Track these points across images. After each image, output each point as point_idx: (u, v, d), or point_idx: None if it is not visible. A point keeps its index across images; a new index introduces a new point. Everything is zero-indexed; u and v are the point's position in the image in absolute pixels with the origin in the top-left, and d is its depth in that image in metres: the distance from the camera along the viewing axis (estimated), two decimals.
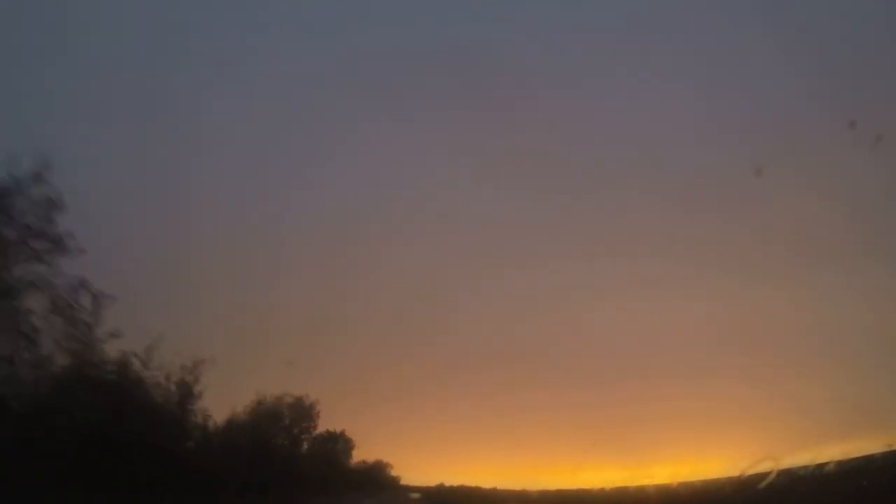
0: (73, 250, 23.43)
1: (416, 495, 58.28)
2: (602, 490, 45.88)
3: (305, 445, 44.83)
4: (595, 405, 62.79)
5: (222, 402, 38.96)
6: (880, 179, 60.42)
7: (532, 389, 64.83)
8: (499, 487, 58.92)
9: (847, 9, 69.31)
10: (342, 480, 48.06)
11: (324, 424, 48.94)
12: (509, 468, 68.90)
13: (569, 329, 72.37)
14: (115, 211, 54.89)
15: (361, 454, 55.24)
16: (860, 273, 60.10)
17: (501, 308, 77.59)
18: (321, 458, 46.13)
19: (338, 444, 50.44)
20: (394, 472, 63.28)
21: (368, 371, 61.66)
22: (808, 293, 64.19)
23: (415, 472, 65.20)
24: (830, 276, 62.39)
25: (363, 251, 75.31)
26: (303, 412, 47.14)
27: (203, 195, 68.34)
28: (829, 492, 24.51)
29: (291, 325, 58.58)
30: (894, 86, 74.26)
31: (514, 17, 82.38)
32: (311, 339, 59.46)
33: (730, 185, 69.79)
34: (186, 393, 37.52)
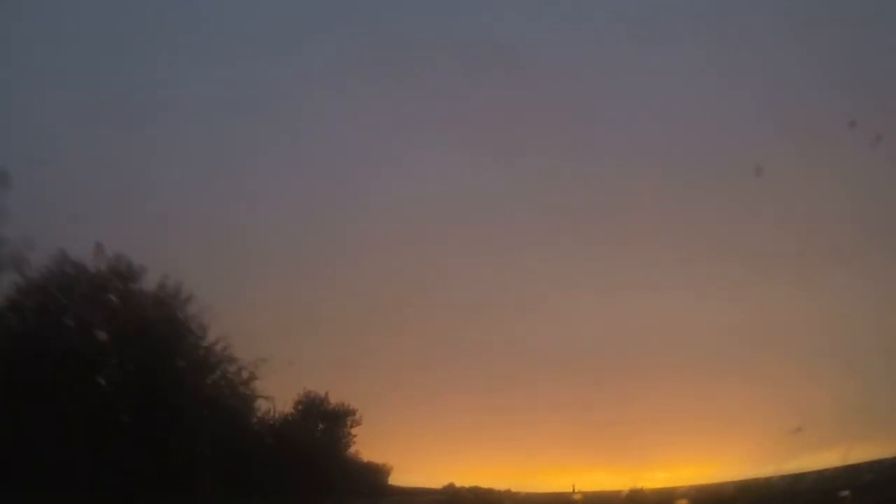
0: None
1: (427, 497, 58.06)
2: (608, 493, 45.98)
3: (308, 446, 43.91)
4: (599, 405, 62.32)
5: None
6: (880, 179, 60.19)
7: (532, 389, 64.39)
8: (513, 489, 58.50)
9: (847, 9, 69.15)
10: (344, 483, 47.66)
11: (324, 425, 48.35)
12: (514, 470, 68.04)
13: (571, 328, 71.92)
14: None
15: (363, 455, 54.46)
16: (860, 273, 59.81)
17: (500, 305, 77.13)
18: (324, 460, 45.35)
19: (340, 445, 49.68)
20: (397, 473, 62.40)
21: (364, 369, 60.87)
22: (807, 293, 63.99)
23: (414, 473, 63.95)
24: (829, 276, 62.10)
25: (360, 245, 74.63)
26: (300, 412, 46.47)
27: (191, 188, 66.82)
28: (831, 496, 24.45)
29: (279, 322, 57.58)
30: (894, 86, 74.11)
31: (516, 9, 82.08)
32: (305, 338, 58.83)
33: (729, 183, 69.44)
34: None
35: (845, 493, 21.55)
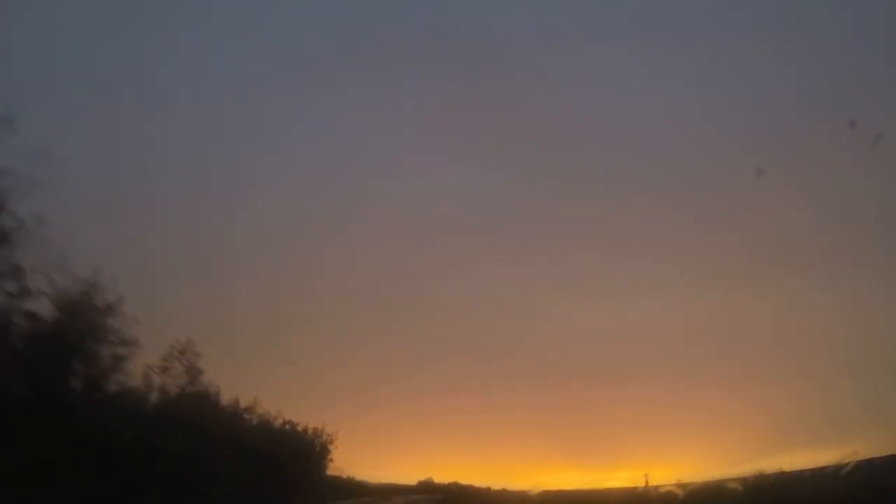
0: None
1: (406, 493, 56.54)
2: (585, 491, 45.13)
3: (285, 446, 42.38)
4: (578, 406, 61.52)
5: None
6: (880, 179, 59.35)
7: (511, 388, 63.53)
8: (493, 487, 57.23)
9: (847, 9, 68.42)
10: (323, 483, 46.32)
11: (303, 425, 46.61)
12: (491, 467, 67.01)
13: (552, 328, 71.22)
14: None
15: (342, 454, 52.58)
16: (859, 275, 58.90)
17: (484, 304, 76.27)
18: (301, 459, 43.90)
19: (318, 443, 48.04)
20: (365, 469, 60.17)
21: (344, 368, 59.99)
22: (803, 295, 63.05)
23: (382, 469, 62.18)
24: (828, 277, 61.28)
25: (349, 244, 73.89)
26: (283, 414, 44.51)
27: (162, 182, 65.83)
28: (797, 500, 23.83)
29: (260, 319, 56.55)
30: (894, 86, 73.31)
31: (512, 10, 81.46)
32: (289, 337, 57.89)
33: (726, 184, 68.61)
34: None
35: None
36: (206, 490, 26.67)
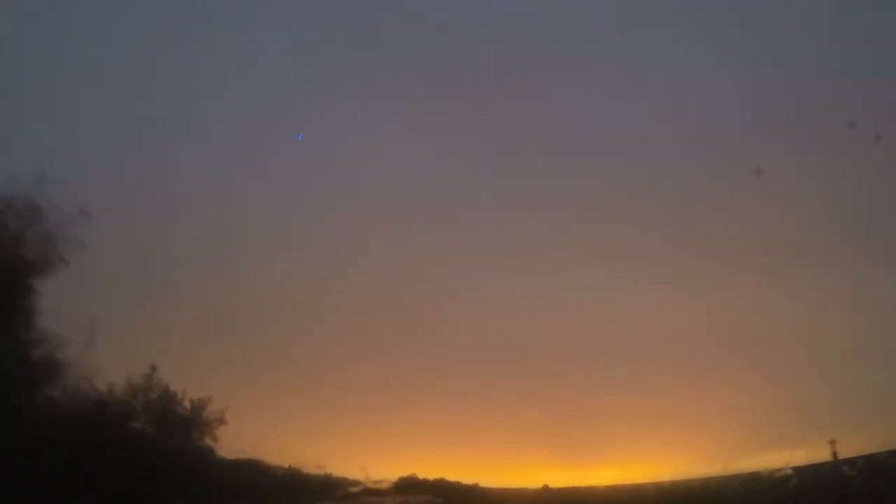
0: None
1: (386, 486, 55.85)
2: (576, 488, 44.84)
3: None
4: (567, 403, 60.97)
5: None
6: (880, 179, 58.78)
7: (499, 385, 62.90)
8: (480, 484, 56.49)
9: (847, 8, 67.90)
10: (309, 485, 45.86)
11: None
12: (476, 464, 66.54)
13: (544, 326, 70.70)
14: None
15: (326, 455, 51.55)
16: (857, 275, 58.27)
17: (479, 308, 75.81)
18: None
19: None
20: (357, 468, 58.70)
21: (333, 366, 59.60)
22: (800, 296, 62.35)
23: (377, 466, 61.07)
24: (825, 278, 60.51)
25: (348, 248, 73.74)
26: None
27: (176, 190, 65.63)
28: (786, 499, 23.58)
29: (268, 319, 56.49)
30: (894, 86, 72.72)
31: (505, 14, 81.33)
32: (289, 335, 57.80)
33: (725, 185, 68.08)
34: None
35: None
36: None
